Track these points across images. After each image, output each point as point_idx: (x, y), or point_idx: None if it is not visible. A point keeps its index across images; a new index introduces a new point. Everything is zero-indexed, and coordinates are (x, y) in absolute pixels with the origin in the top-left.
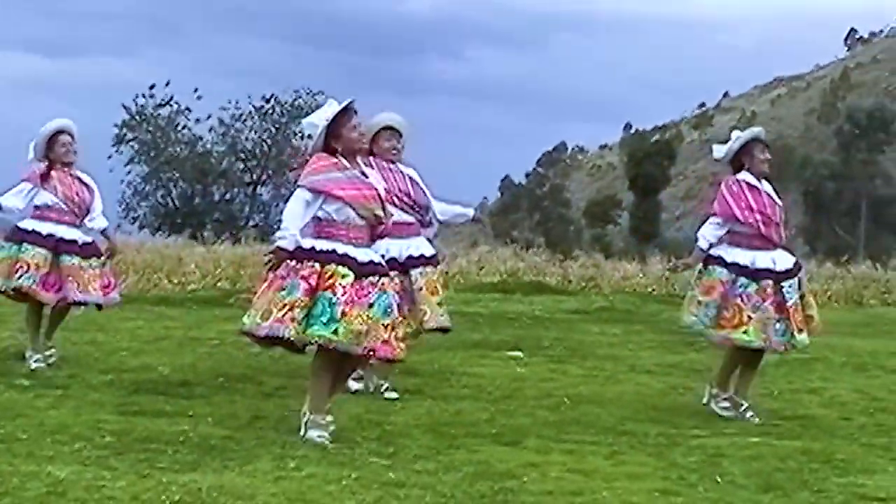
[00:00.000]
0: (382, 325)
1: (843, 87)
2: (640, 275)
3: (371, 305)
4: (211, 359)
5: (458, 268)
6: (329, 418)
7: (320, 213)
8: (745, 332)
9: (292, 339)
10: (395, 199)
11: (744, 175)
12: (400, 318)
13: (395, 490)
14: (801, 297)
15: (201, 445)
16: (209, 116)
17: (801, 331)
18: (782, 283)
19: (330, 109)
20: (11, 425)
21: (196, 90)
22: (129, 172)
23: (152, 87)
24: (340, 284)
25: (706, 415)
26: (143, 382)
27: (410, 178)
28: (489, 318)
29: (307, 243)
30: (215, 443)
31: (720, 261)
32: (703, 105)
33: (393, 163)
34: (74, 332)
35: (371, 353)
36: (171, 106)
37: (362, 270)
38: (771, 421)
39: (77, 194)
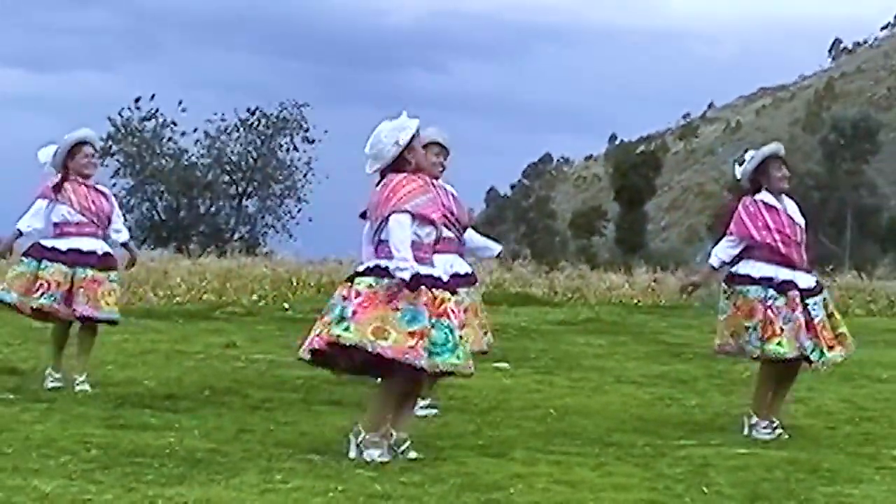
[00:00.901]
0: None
1: (828, 98)
2: (626, 286)
3: (463, 325)
4: (197, 372)
5: None
6: (404, 435)
7: (413, 237)
8: (779, 344)
9: (426, 368)
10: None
11: (762, 195)
12: None
13: (381, 502)
14: (830, 315)
15: (187, 459)
16: (195, 129)
17: (831, 348)
18: (807, 301)
19: (409, 127)
20: None
21: (181, 103)
22: (114, 185)
23: (138, 100)
24: (451, 309)
25: (692, 425)
26: (128, 396)
27: (452, 194)
28: None
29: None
30: (201, 456)
31: (749, 279)
32: (687, 116)
33: (436, 178)
34: None
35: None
36: (156, 119)
37: (451, 290)
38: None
39: (94, 203)
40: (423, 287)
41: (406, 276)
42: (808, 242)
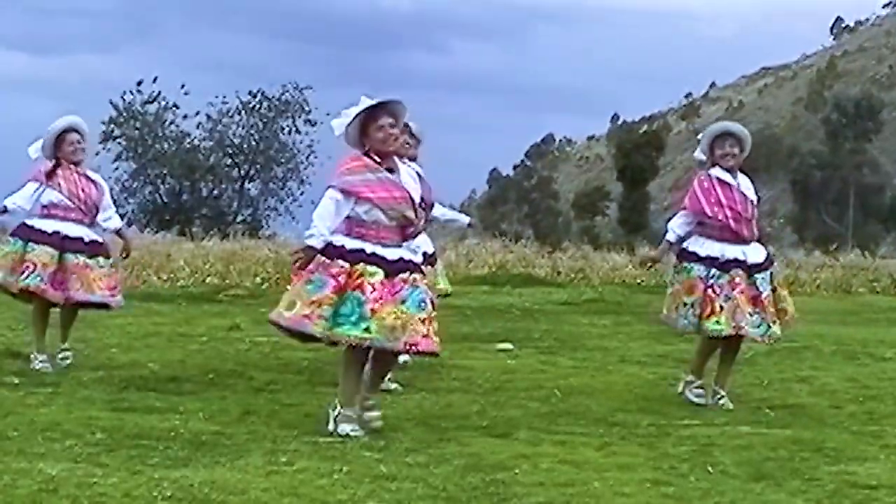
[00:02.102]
0: (418, 319)
1: (830, 76)
2: (629, 266)
3: (403, 301)
4: (201, 354)
5: (447, 261)
6: (375, 414)
7: (351, 213)
8: (716, 322)
9: (318, 335)
10: None
11: (716, 171)
12: (434, 313)
13: (386, 483)
14: (773, 290)
15: (192, 441)
16: (197, 112)
17: (774, 322)
18: (755, 276)
19: (357, 108)
20: (2, 423)
21: (183, 86)
22: (116, 169)
23: (140, 83)
24: (369, 283)
25: (696, 405)
26: (133, 379)
27: (418, 173)
28: (478, 310)
29: (339, 241)
30: (206, 438)
31: (695, 256)
32: (690, 95)
33: (406, 157)
34: None
35: (412, 347)
36: (158, 102)
37: (392, 268)
38: (761, 410)
39: (83, 191)
40: (338, 260)
41: (313, 242)
42: (811, 221)
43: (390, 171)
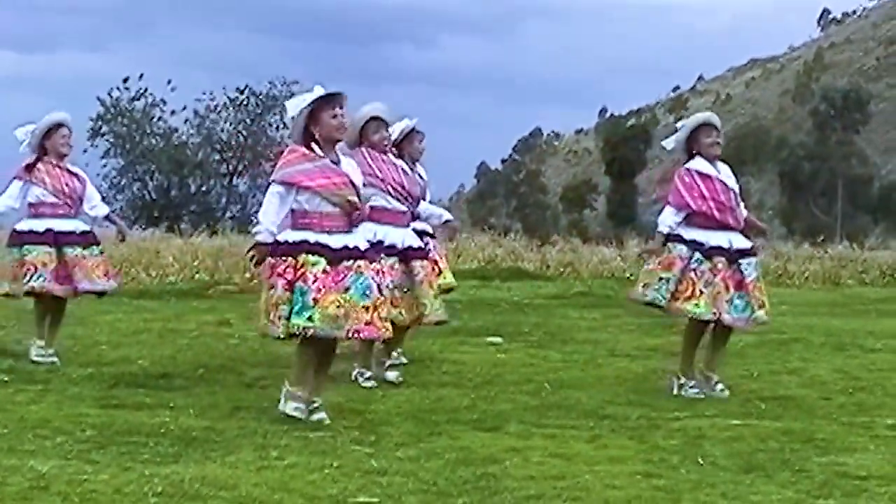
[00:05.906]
0: (362, 307)
1: (818, 68)
2: (618, 259)
3: (347, 289)
4: (190, 350)
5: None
6: (317, 402)
7: (294, 205)
8: (696, 305)
9: (282, 336)
10: (389, 188)
11: (696, 163)
12: (382, 299)
13: (377, 478)
14: (757, 278)
15: (183, 437)
16: (184, 108)
17: (761, 307)
18: (740, 261)
19: (311, 95)
20: None
21: (170, 82)
22: (104, 165)
23: (126, 79)
24: (311, 273)
25: (686, 397)
26: (123, 375)
27: (402, 168)
28: (468, 304)
29: (284, 237)
30: (197, 434)
31: (679, 238)
32: (677, 88)
33: (384, 153)
34: None
35: (356, 334)
36: (145, 98)
37: (336, 256)
38: (751, 402)
39: (67, 185)
40: (286, 257)
41: (262, 238)
42: (800, 213)
43: (333, 162)
